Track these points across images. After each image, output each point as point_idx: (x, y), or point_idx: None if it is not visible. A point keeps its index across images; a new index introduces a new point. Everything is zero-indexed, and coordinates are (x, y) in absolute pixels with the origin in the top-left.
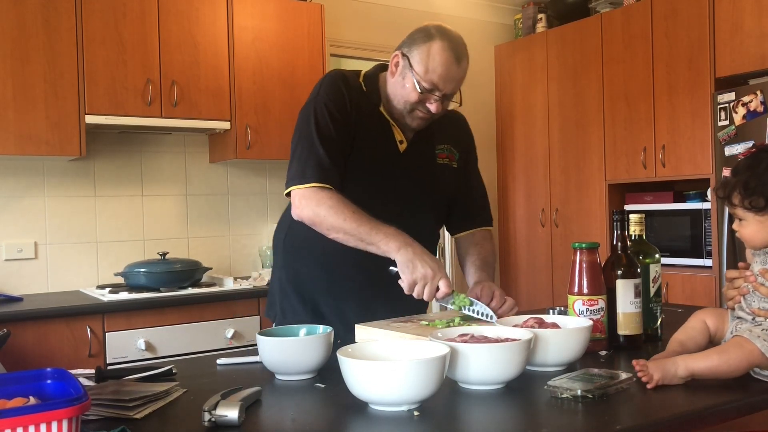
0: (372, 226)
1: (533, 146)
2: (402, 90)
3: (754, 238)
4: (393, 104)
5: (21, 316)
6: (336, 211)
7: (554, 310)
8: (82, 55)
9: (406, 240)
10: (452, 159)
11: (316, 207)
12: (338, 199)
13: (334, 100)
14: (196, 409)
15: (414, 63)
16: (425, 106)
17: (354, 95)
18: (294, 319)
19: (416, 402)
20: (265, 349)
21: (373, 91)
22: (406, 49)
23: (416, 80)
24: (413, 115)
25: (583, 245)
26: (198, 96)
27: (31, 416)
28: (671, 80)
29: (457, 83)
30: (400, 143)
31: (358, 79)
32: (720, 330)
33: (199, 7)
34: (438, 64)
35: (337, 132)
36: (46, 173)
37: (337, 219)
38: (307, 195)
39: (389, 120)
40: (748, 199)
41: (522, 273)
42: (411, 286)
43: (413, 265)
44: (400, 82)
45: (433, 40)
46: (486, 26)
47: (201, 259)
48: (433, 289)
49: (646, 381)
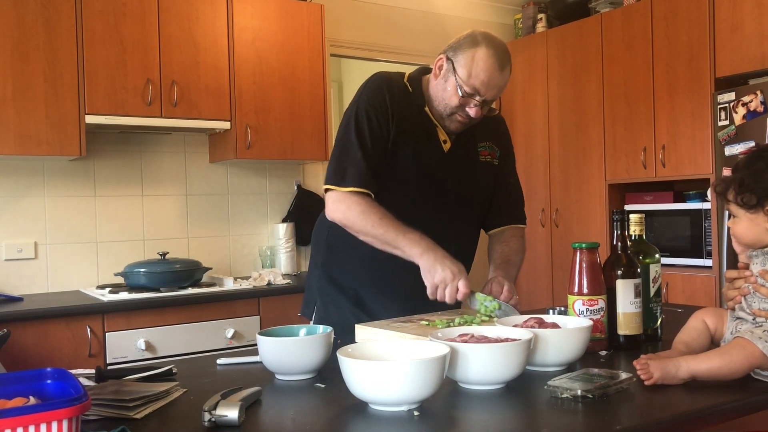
0: (398, 231)
1: (533, 146)
2: (444, 93)
3: (744, 235)
4: (434, 106)
5: (21, 316)
6: (365, 216)
7: (554, 310)
8: (82, 55)
9: (428, 245)
10: (494, 156)
11: (347, 211)
12: (369, 204)
13: (375, 105)
14: (196, 409)
15: (458, 67)
16: (465, 110)
17: (398, 97)
18: (336, 313)
19: (416, 402)
20: (265, 349)
21: (418, 92)
22: (451, 53)
23: (459, 84)
24: (452, 119)
25: (583, 245)
26: (198, 96)
27: (31, 416)
28: (671, 80)
29: (498, 90)
30: (444, 143)
31: (403, 80)
32: (719, 330)
33: (199, 7)
34: (481, 69)
35: (376, 137)
36: (46, 173)
37: (366, 224)
38: (340, 198)
39: (433, 120)
40: (741, 195)
41: (522, 273)
42: (433, 289)
43: (434, 270)
44: (442, 84)
45: (479, 46)
46: (486, 26)
47: (201, 259)
48: (453, 291)
49: (646, 378)
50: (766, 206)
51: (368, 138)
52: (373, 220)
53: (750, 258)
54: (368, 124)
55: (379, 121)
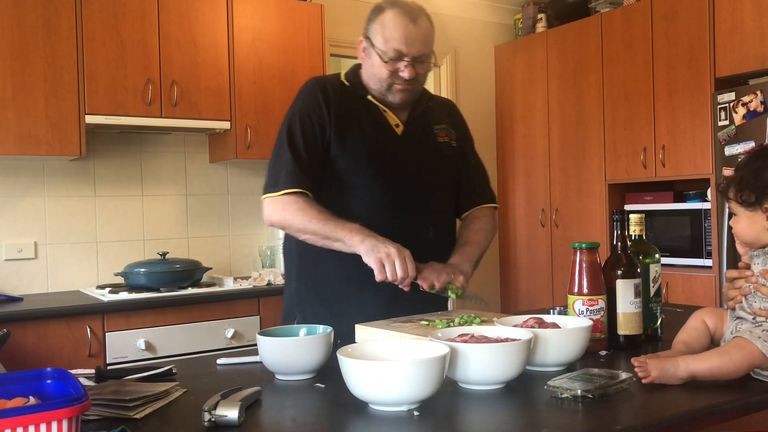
0: (336, 223)
1: (533, 146)
2: (373, 69)
3: (744, 234)
4: (373, 89)
5: (21, 316)
6: (303, 213)
7: (554, 310)
8: (82, 55)
9: (369, 233)
10: (451, 138)
11: (283, 211)
12: (305, 201)
13: (307, 108)
14: (196, 409)
15: (374, 39)
16: (399, 76)
17: (334, 96)
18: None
19: (416, 402)
20: (265, 349)
21: (357, 84)
22: (365, 31)
23: (380, 53)
24: (393, 90)
25: (583, 245)
26: (198, 96)
27: (31, 416)
28: (671, 80)
29: (421, 43)
30: (396, 127)
31: (339, 79)
32: (719, 330)
33: (199, 7)
34: (393, 29)
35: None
36: (46, 173)
37: (303, 221)
38: (275, 201)
39: (380, 106)
40: (740, 193)
41: (522, 273)
42: (379, 265)
43: (377, 249)
44: (369, 63)
45: (384, 11)
46: (486, 26)
47: (201, 259)
48: (403, 263)
49: (643, 377)
50: (764, 204)
51: (300, 141)
52: (310, 215)
53: (751, 258)
54: (300, 128)
55: (312, 123)
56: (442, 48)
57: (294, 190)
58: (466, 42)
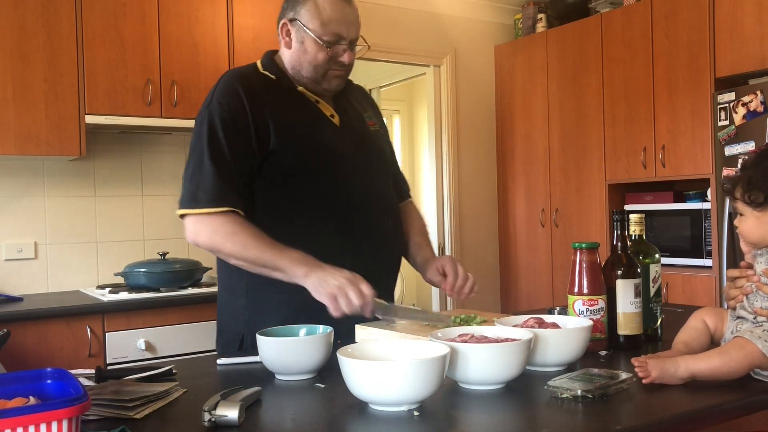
0: (275, 251)
1: (533, 146)
2: (306, 55)
3: (751, 234)
4: (303, 76)
5: (21, 316)
6: (234, 238)
7: (554, 310)
8: (82, 55)
9: (313, 263)
10: (376, 125)
11: (213, 234)
12: (237, 223)
13: (229, 109)
14: (196, 409)
15: (306, 23)
16: (338, 61)
17: (260, 92)
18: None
19: (416, 402)
20: (265, 349)
21: (281, 76)
22: (291, 14)
23: (316, 38)
24: (328, 77)
25: (583, 245)
26: (198, 96)
27: (31, 416)
28: (671, 80)
29: (357, 25)
30: (332, 117)
31: (259, 71)
32: (719, 329)
33: (199, 7)
34: (331, 11)
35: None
36: (46, 173)
37: (235, 247)
38: (201, 220)
39: (312, 97)
40: (748, 193)
41: (522, 273)
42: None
43: (325, 283)
44: (300, 48)
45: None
46: (486, 26)
47: (201, 259)
48: (357, 291)
49: (643, 377)
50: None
51: (226, 149)
52: (243, 241)
53: (755, 257)
54: (224, 134)
55: (237, 128)
56: (442, 48)
57: (221, 210)
58: (466, 42)
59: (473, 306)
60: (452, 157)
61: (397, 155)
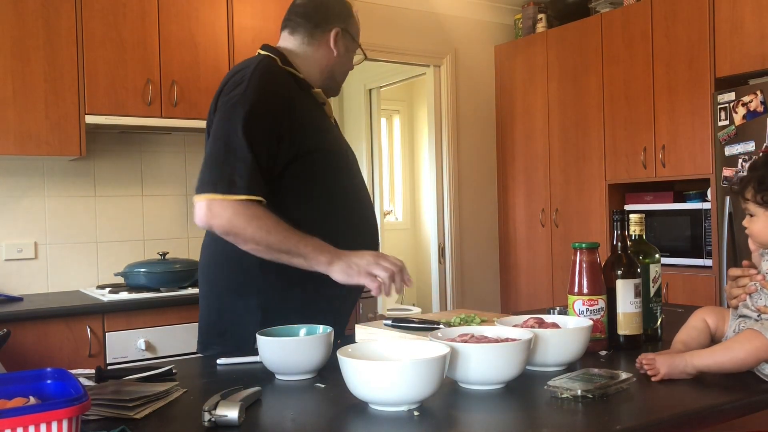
0: (299, 237)
1: (533, 146)
2: (347, 63)
3: (761, 234)
4: (334, 80)
5: (21, 316)
6: (258, 221)
7: (554, 310)
8: (82, 55)
9: (333, 251)
10: None
11: (233, 217)
12: (260, 209)
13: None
14: (196, 409)
15: (353, 32)
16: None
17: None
18: None
19: (416, 402)
20: (265, 349)
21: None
22: (343, 24)
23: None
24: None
25: (583, 245)
26: (198, 96)
27: (31, 416)
28: (671, 80)
29: None
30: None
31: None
32: (720, 329)
33: (199, 7)
34: (359, 23)
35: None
36: (46, 173)
37: (258, 230)
38: (221, 204)
39: (322, 98)
40: (761, 194)
41: (522, 273)
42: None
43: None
44: (346, 56)
45: (351, 5)
46: (486, 26)
47: None
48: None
49: (653, 374)
50: None
51: (264, 141)
52: (267, 226)
53: (762, 256)
54: (268, 126)
55: (278, 122)
56: (442, 48)
57: (253, 198)
58: (466, 42)
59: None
60: (452, 157)
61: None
